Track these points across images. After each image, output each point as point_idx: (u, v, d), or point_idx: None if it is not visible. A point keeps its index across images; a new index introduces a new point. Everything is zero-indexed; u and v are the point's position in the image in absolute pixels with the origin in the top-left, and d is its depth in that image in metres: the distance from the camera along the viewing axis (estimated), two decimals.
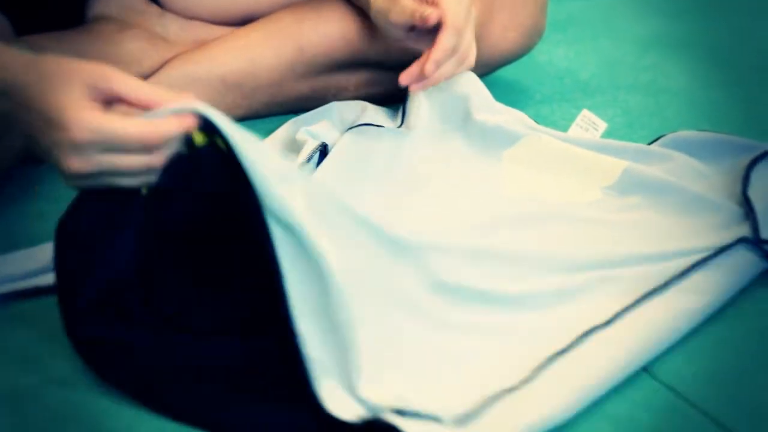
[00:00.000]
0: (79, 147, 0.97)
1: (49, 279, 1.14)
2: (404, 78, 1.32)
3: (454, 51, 1.32)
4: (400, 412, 0.98)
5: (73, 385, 1.05)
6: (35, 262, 1.17)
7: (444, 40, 1.30)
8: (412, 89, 1.34)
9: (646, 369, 1.08)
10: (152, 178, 1.01)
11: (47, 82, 0.99)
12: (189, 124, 0.99)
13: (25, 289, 1.15)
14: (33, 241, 1.20)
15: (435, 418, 0.98)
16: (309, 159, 1.33)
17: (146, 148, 0.98)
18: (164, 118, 0.99)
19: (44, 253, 1.15)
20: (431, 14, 1.30)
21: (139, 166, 0.99)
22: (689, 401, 1.05)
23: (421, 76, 1.31)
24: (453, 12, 1.30)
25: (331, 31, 1.47)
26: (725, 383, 1.07)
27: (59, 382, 1.05)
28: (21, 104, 1.00)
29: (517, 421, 0.99)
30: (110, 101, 1.00)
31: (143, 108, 1.00)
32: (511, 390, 1.02)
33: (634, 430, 1.02)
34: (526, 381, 1.04)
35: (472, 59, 1.35)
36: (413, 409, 0.99)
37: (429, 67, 1.30)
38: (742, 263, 1.19)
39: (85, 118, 0.97)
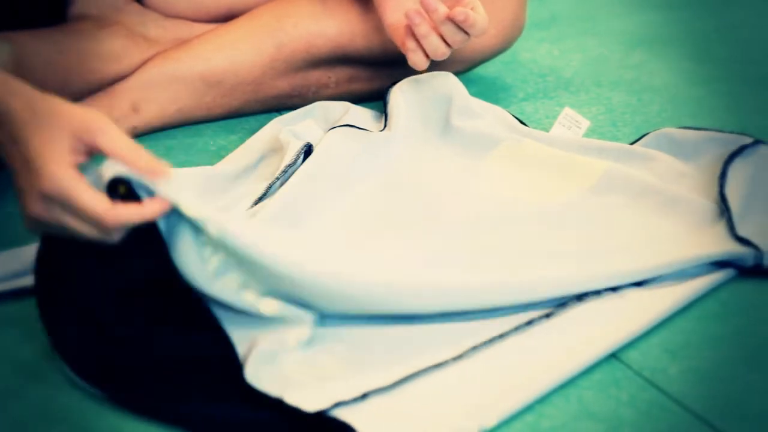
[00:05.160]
0: (45, 198, 1.01)
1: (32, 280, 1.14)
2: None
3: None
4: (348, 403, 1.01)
5: (59, 385, 1.04)
6: (19, 263, 1.17)
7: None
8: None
9: (631, 367, 1.08)
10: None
11: (37, 124, 1.02)
12: (150, 215, 1.03)
13: (10, 290, 1.15)
14: (16, 242, 1.20)
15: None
16: (294, 161, 1.32)
17: (99, 226, 1.01)
18: (126, 206, 1.02)
19: (27, 253, 1.16)
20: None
21: (89, 235, 1.02)
22: (674, 399, 1.05)
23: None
24: None
25: (310, 27, 1.47)
26: (710, 381, 1.07)
27: (45, 382, 1.05)
28: (11, 136, 1.03)
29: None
30: (94, 151, 1.03)
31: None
32: (440, 365, 1.06)
33: (619, 428, 1.02)
34: (457, 358, 1.07)
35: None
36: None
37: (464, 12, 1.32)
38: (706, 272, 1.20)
39: (58, 174, 1.00)
